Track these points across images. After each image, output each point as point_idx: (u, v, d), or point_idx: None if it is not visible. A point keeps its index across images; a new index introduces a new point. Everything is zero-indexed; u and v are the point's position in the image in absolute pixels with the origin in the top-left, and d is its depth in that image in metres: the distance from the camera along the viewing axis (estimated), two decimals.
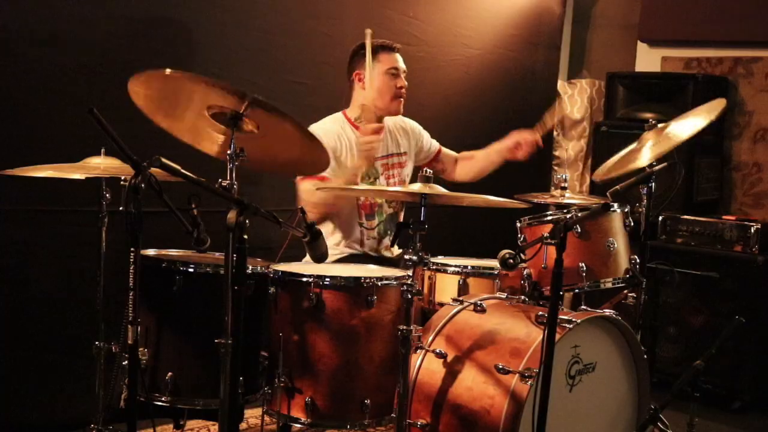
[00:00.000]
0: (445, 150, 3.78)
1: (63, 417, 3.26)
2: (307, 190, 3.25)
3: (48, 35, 3.15)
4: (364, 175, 3.43)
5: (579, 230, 2.88)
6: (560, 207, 3.42)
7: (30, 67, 3.12)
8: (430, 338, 2.77)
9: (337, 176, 3.27)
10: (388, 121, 3.57)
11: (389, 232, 3.52)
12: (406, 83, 3.48)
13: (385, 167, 3.52)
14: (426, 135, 3.72)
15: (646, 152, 3.25)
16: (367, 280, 2.71)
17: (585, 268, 2.88)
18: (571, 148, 5.13)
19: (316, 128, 3.36)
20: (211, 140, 2.57)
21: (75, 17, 3.20)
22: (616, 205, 2.98)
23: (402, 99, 3.47)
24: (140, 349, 2.53)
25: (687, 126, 3.25)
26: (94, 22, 3.25)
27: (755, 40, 4.67)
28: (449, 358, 2.70)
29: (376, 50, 3.41)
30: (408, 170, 3.61)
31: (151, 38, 3.43)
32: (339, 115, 3.51)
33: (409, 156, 3.62)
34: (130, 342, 2.11)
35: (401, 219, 3.60)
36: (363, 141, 3.28)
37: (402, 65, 3.47)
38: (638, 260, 3.05)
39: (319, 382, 2.69)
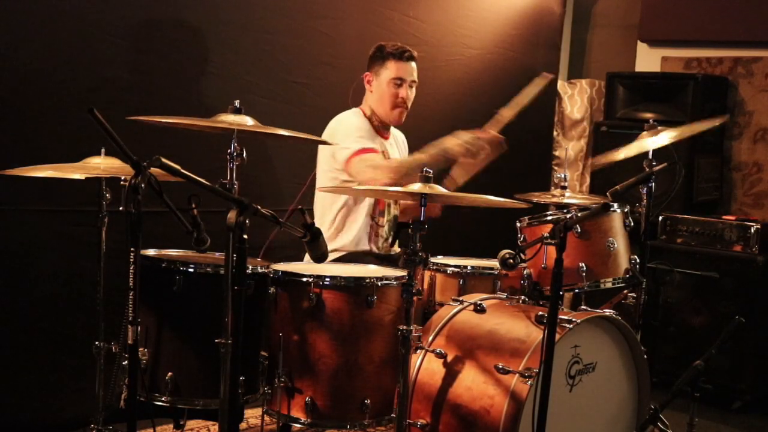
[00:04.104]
0: None
1: (63, 417, 3.26)
2: (369, 161, 3.28)
3: (48, 35, 3.14)
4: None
5: (579, 230, 2.88)
6: (560, 207, 3.43)
7: (30, 67, 3.12)
8: (430, 338, 2.77)
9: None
10: (396, 132, 3.63)
11: (392, 232, 3.53)
12: (410, 94, 3.46)
13: None
14: None
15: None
16: (367, 280, 2.71)
17: (585, 268, 2.88)
18: (571, 148, 5.13)
19: (350, 119, 3.44)
20: None
21: (75, 17, 3.20)
22: (616, 205, 2.98)
23: (403, 109, 3.47)
24: (140, 349, 2.53)
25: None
26: (94, 22, 3.25)
27: (755, 40, 4.67)
28: (449, 358, 2.70)
29: (387, 56, 3.42)
30: None
31: (151, 39, 3.43)
32: (356, 110, 3.53)
33: None
34: (130, 342, 2.11)
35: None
36: (478, 140, 3.18)
37: (410, 75, 3.45)
38: (638, 260, 3.05)
39: (319, 382, 2.69)
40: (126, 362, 2.50)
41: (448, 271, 3.14)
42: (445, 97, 4.52)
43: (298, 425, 2.78)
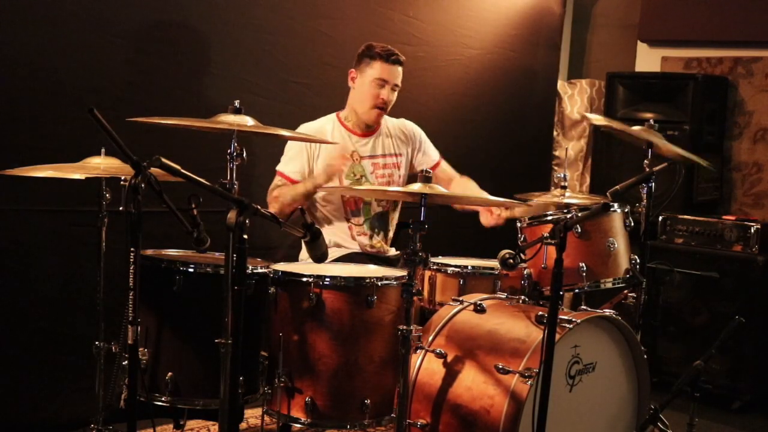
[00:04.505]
0: (444, 165, 3.71)
1: (63, 417, 3.26)
2: (276, 183, 3.37)
3: (48, 35, 3.15)
4: (348, 173, 3.45)
5: (579, 230, 2.88)
6: (560, 207, 3.43)
7: (30, 67, 3.12)
8: (430, 338, 2.77)
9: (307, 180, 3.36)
10: (389, 122, 3.60)
11: (377, 230, 3.52)
12: (390, 98, 3.44)
13: (375, 166, 3.53)
14: (427, 144, 3.69)
15: None
16: (367, 280, 2.71)
17: (585, 268, 2.88)
18: (571, 148, 5.13)
19: (301, 128, 3.44)
20: None
21: (75, 17, 3.20)
22: (616, 205, 2.98)
23: (382, 111, 3.46)
24: (140, 349, 2.53)
25: None
26: (94, 22, 3.25)
27: (755, 40, 4.67)
28: (449, 358, 2.70)
29: (374, 56, 3.41)
30: (402, 172, 3.60)
31: (151, 38, 3.43)
32: (332, 115, 3.53)
33: (405, 159, 3.62)
34: (130, 342, 2.11)
35: (394, 219, 3.59)
36: (331, 161, 3.34)
37: (394, 79, 3.43)
38: (638, 260, 3.05)
39: (319, 382, 2.69)
40: (126, 362, 2.50)
41: (448, 271, 3.14)
42: (445, 97, 4.53)
43: (298, 425, 2.77)
